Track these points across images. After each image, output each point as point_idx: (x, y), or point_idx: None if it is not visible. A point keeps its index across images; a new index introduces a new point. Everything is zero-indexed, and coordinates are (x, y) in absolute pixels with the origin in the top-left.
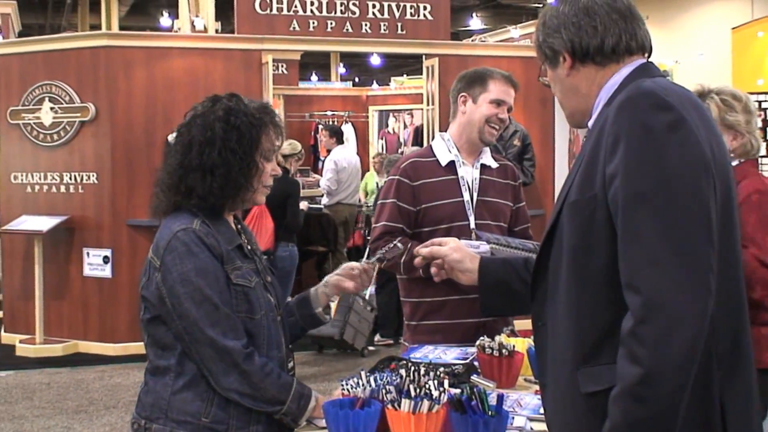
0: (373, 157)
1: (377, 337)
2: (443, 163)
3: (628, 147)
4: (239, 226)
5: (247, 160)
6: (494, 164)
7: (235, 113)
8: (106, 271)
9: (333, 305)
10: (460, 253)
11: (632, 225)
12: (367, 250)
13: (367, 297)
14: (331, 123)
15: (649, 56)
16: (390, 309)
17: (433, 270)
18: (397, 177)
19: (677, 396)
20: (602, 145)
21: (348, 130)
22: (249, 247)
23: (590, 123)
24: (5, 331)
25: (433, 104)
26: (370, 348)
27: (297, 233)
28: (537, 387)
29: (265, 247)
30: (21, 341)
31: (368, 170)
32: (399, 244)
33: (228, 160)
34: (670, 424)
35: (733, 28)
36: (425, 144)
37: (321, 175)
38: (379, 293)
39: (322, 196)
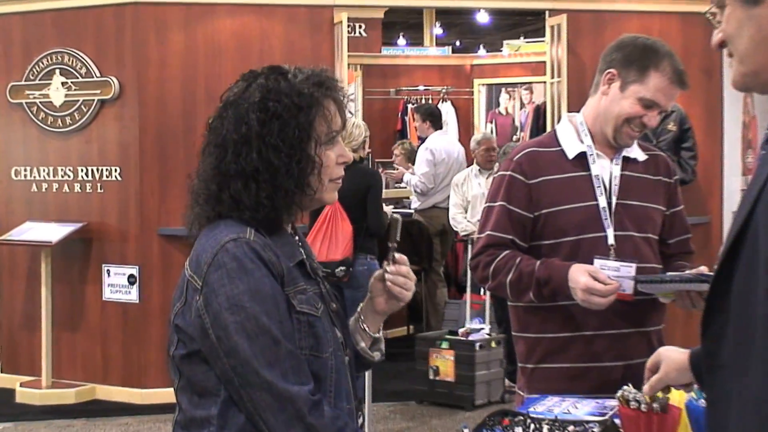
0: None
1: (508, 383)
2: (571, 155)
3: None
4: (296, 237)
5: (297, 156)
6: (641, 156)
7: (275, 95)
8: (132, 295)
9: None
10: (678, 372)
11: None
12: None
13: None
14: (424, 102)
15: None
16: None
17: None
18: (508, 173)
19: None
20: None
21: (446, 110)
22: (310, 264)
23: None
24: (3, 372)
25: (559, 76)
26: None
27: (379, 242)
28: None
29: (342, 255)
30: (23, 384)
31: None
32: (388, 211)
33: (269, 161)
34: None
35: None
36: (548, 129)
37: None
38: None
39: (407, 197)
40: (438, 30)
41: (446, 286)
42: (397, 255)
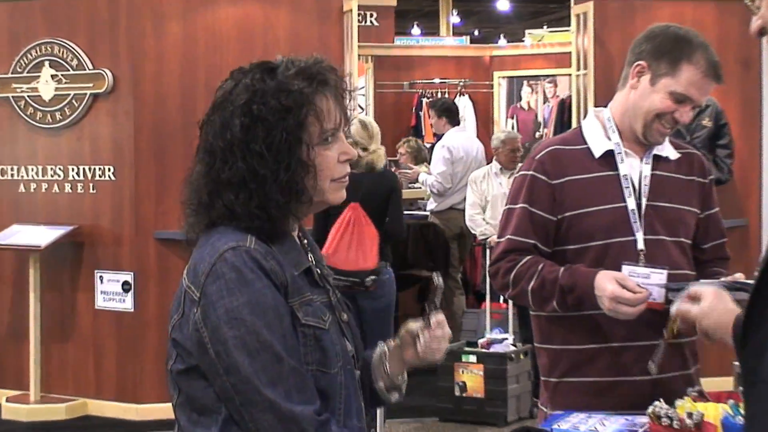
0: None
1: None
2: (597, 153)
3: None
4: (305, 241)
5: (285, 163)
6: (673, 154)
7: (260, 97)
8: (127, 303)
9: None
10: (711, 321)
11: None
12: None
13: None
14: (440, 96)
15: None
16: None
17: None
18: (530, 172)
19: None
20: None
21: (464, 105)
22: (319, 271)
23: None
24: None
25: (585, 68)
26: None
27: (392, 248)
28: None
29: (372, 264)
30: (9, 399)
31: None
32: (435, 276)
33: (255, 170)
34: None
35: None
36: (573, 125)
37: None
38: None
39: (422, 198)
40: (455, 18)
41: (464, 293)
42: (433, 319)
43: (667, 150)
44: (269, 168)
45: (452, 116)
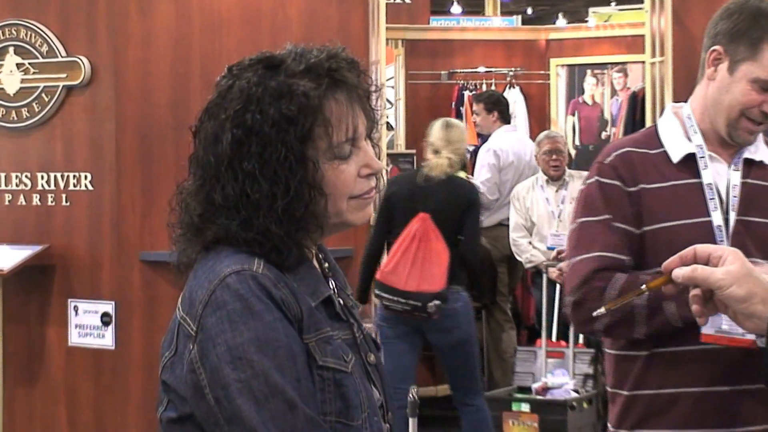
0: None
1: None
2: (676, 157)
3: None
4: (326, 264)
5: (284, 185)
6: None
7: (257, 103)
8: (106, 339)
9: None
10: (746, 287)
11: None
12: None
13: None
14: (485, 88)
15: None
16: None
17: (694, 308)
18: (602, 180)
19: None
20: None
21: (514, 99)
22: (342, 302)
23: None
24: None
25: (662, 55)
26: None
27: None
28: None
29: (437, 286)
30: None
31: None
32: None
33: (247, 194)
34: None
35: None
36: (647, 123)
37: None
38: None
39: None
40: None
41: (514, 328)
42: None
43: (762, 152)
44: (262, 193)
45: (504, 111)
